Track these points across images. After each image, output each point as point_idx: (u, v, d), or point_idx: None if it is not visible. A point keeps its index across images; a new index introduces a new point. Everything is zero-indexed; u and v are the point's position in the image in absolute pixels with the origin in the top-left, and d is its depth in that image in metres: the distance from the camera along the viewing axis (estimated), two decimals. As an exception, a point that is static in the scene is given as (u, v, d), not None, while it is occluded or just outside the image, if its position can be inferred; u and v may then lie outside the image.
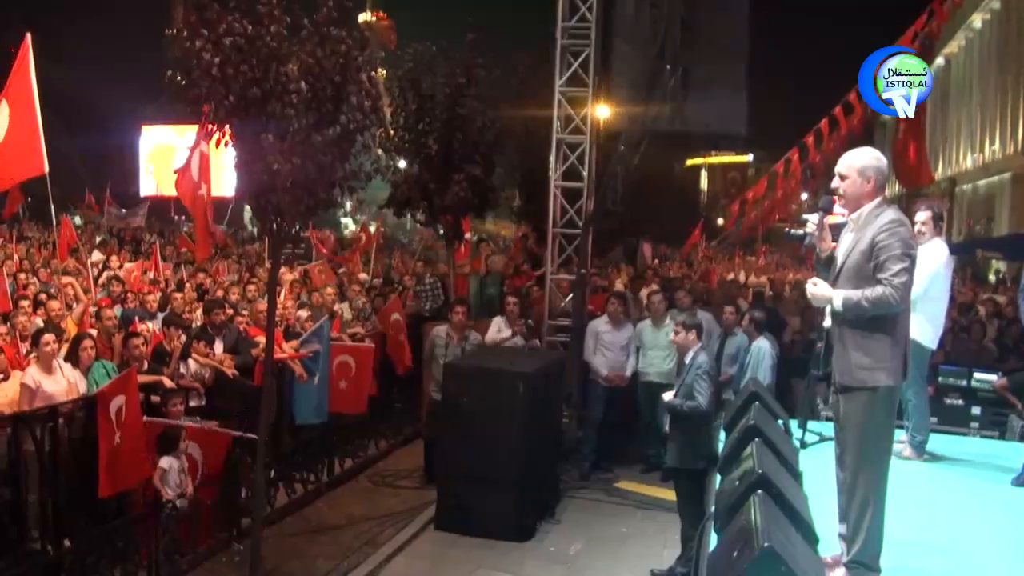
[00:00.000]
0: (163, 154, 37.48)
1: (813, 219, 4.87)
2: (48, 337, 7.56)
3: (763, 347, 9.59)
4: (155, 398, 8.01)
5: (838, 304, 4.43)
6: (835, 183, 4.65)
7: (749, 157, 73.38)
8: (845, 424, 4.52)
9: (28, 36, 9.49)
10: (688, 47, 12.54)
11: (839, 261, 4.60)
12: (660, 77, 13.14)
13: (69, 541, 7.11)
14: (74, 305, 9.98)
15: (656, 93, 13.25)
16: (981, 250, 26.94)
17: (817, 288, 4.57)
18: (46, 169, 9.53)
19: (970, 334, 11.70)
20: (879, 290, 4.29)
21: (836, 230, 4.82)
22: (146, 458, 7.49)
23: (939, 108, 43.90)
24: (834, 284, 4.56)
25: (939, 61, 42.14)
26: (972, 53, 43.07)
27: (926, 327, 6.60)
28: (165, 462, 7.53)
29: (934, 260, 6.63)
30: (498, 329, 10.92)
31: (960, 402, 9.63)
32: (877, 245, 4.36)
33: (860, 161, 4.56)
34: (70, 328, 8.96)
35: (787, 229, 47.90)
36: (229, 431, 8.25)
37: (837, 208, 4.75)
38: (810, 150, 13.53)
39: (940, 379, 9.46)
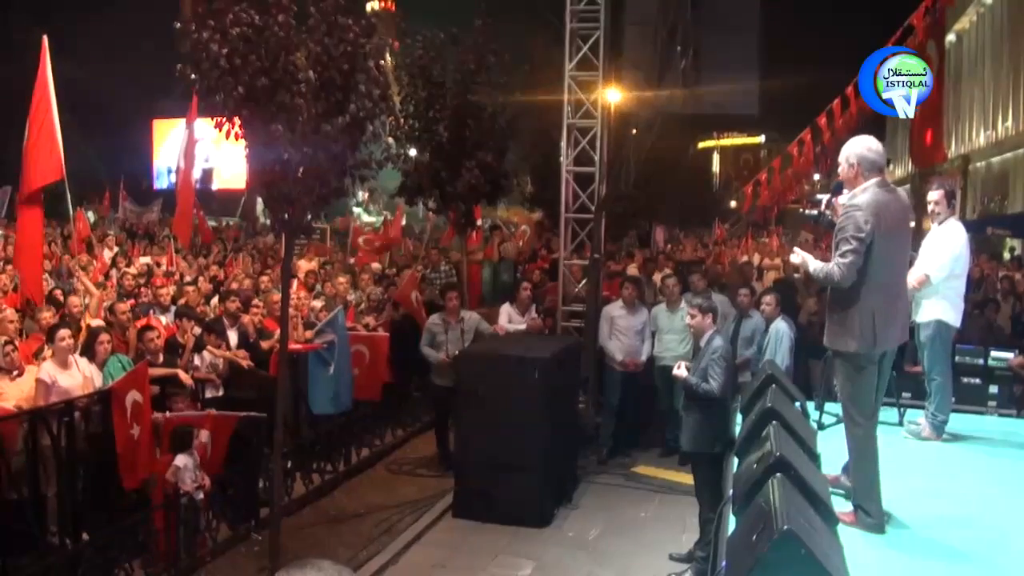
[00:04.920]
0: (176, 148, 37.54)
1: (824, 201, 5.45)
2: (63, 332, 7.54)
3: (781, 328, 9.53)
4: (157, 389, 7.91)
5: (810, 270, 4.98)
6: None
7: (761, 138, 73.05)
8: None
9: (45, 38, 9.18)
10: (698, 26, 12.42)
11: None
12: (671, 59, 13.06)
13: (87, 535, 7.11)
14: (86, 299, 9.97)
15: (668, 75, 13.17)
16: (992, 228, 26.84)
17: (796, 256, 5.18)
18: (63, 174, 9.35)
19: (984, 312, 11.61)
20: (828, 266, 4.79)
21: None
22: (155, 452, 7.55)
23: (951, 85, 43.36)
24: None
25: (950, 37, 41.58)
26: (984, 28, 42.45)
27: (949, 307, 6.58)
28: (180, 460, 7.52)
29: (955, 241, 6.60)
30: (508, 318, 10.94)
31: (977, 381, 9.59)
32: (837, 226, 4.81)
33: (847, 149, 4.97)
34: (86, 324, 8.96)
35: (802, 210, 47.80)
36: (234, 413, 8.16)
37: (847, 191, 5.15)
38: (823, 130, 13.38)
39: (956, 358, 9.39)
